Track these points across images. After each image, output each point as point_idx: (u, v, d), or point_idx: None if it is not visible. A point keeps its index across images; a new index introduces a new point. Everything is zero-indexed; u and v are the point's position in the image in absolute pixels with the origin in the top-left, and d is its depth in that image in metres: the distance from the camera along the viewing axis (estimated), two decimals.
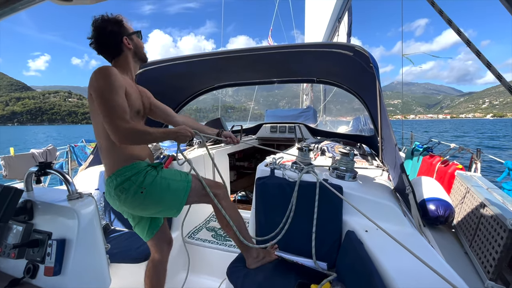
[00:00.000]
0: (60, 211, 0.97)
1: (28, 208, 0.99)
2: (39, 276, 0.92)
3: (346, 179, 1.66)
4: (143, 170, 1.28)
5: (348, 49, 1.86)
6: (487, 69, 0.53)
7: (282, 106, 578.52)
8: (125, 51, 1.36)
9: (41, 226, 0.98)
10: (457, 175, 2.44)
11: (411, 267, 1.02)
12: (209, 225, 2.59)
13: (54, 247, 0.89)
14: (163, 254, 1.57)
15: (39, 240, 0.93)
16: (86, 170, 2.59)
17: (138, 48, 1.41)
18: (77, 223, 0.92)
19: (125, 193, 1.23)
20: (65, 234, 0.93)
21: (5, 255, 0.97)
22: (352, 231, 1.39)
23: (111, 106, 1.11)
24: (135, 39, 1.39)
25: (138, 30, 1.42)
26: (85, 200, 1.01)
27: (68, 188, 1.01)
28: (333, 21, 5.32)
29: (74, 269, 0.90)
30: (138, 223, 1.48)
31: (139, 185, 1.24)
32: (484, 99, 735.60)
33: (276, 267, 1.52)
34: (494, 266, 1.47)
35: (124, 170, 1.24)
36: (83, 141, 4.15)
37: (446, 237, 2.05)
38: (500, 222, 1.49)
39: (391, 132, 1.70)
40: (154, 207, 1.32)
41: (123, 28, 1.34)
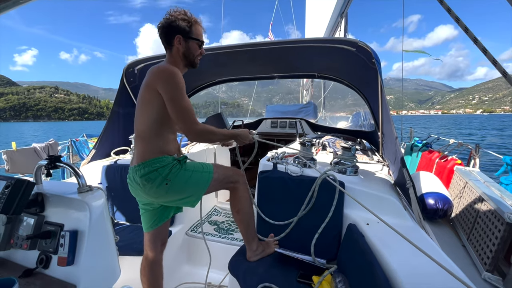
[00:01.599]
0: (71, 203, 0.99)
1: (39, 201, 1.01)
2: (52, 266, 0.95)
3: (347, 173, 1.69)
4: (170, 164, 1.34)
5: (350, 44, 1.87)
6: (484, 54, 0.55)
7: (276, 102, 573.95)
8: (175, 48, 1.39)
9: (52, 218, 1.01)
10: (456, 170, 2.48)
11: (411, 258, 1.05)
12: (211, 218, 2.63)
13: (67, 238, 0.91)
14: (156, 253, 1.58)
15: (52, 231, 0.95)
16: (89, 165, 2.60)
17: (189, 53, 1.42)
18: (88, 215, 0.94)
19: (151, 183, 1.30)
20: (77, 226, 0.95)
21: (17, 246, 1.00)
22: (353, 224, 1.41)
23: (184, 108, 1.26)
24: (190, 44, 1.41)
25: (200, 40, 1.44)
26: (95, 193, 1.03)
27: (78, 181, 1.03)
28: (335, 16, 5.29)
29: (87, 259, 0.93)
30: (149, 211, 1.51)
31: (164, 177, 1.31)
32: (474, 95, 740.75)
33: (276, 260, 1.55)
34: (491, 258, 1.51)
35: (153, 161, 1.31)
36: (84, 136, 4.15)
37: (444, 230, 2.09)
38: (497, 215, 1.53)
39: (392, 126, 1.72)
40: (176, 196, 1.40)
41: (186, 28, 1.37)
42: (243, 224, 1.55)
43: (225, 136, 1.45)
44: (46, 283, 0.90)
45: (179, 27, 1.36)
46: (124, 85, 2.61)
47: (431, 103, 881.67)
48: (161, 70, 1.30)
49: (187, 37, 1.38)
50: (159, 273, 1.60)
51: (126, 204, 2.22)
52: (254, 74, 3.44)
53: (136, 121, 1.38)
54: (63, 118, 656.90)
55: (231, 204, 1.60)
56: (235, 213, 1.57)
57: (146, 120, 1.33)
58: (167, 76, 1.27)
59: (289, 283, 1.34)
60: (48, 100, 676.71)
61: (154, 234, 1.55)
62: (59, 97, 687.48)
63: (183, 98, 1.27)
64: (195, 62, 1.46)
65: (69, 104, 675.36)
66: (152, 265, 1.57)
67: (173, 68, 1.30)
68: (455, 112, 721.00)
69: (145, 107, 1.33)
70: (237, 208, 1.55)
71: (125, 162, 2.36)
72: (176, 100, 1.26)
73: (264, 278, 1.36)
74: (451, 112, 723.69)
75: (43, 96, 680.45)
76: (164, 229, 1.61)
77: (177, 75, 1.28)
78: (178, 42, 1.38)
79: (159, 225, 1.54)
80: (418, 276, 0.97)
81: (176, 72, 1.28)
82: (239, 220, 1.57)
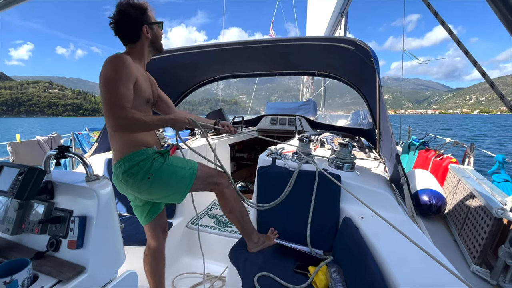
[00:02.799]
0: (79, 191, 1.04)
1: (49, 188, 1.07)
2: (62, 249, 1.00)
3: (344, 169, 1.74)
4: (151, 157, 1.31)
5: (349, 43, 1.91)
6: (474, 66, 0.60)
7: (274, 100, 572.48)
8: (143, 39, 1.36)
9: (62, 205, 1.06)
10: (450, 168, 2.54)
11: (402, 249, 1.10)
12: (211, 212, 2.69)
13: (76, 223, 0.97)
14: (159, 241, 1.61)
15: (61, 217, 1.01)
16: (91, 158, 2.65)
17: (156, 38, 1.42)
18: (96, 202, 1.00)
19: (133, 178, 1.27)
20: (85, 212, 1.00)
21: (28, 231, 1.05)
22: (348, 217, 1.47)
23: (114, 93, 1.14)
24: (155, 29, 1.40)
25: (160, 21, 1.42)
26: (102, 181, 1.08)
27: (86, 170, 1.08)
28: (335, 15, 5.31)
29: (95, 243, 0.99)
30: (139, 206, 1.53)
31: (146, 171, 1.27)
32: (471, 95, 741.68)
33: (275, 251, 1.60)
34: (479, 252, 1.58)
35: (132, 156, 1.28)
36: (87, 130, 4.21)
37: (437, 225, 2.15)
38: (487, 211, 1.59)
39: (388, 124, 1.76)
40: (160, 192, 1.37)
41: (145, 16, 1.35)
42: (239, 222, 1.57)
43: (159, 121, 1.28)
44: (57, 264, 0.95)
45: (140, 18, 1.32)
46: None
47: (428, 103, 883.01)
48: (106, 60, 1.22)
49: (149, 23, 1.36)
50: (162, 261, 1.64)
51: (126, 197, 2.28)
52: (255, 71, 3.48)
53: (105, 120, 1.26)
54: (56, 113, 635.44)
55: (222, 207, 1.59)
56: (228, 214, 1.57)
57: None
58: (107, 64, 1.20)
59: (286, 272, 1.39)
60: (42, 95, 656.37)
61: (152, 225, 1.57)
62: (53, 92, 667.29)
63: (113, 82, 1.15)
64: (161, 44, 1.45)
65: (63, 99, 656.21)
66: (154, 253, 1.60)
67: (119, 56, 1.23)
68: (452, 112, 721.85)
69: None
70: (228, 208, 1.55)
71: None
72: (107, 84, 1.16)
73: (262, 267, 1.41)
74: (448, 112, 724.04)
75: (37, 91, 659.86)
76: (161, 219, 1.63)
77: (118, 60, 1.20)
78: (146, 32, 1.35)
79: (154, 218, 1.55)
80: (408, 266, 1.01)
81: (121, 59, 1.21)
82: (233, 219, 1.57)
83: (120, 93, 1.15)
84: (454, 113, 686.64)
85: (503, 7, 0.58)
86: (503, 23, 0.62)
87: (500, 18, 0.62)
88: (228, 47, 2.32)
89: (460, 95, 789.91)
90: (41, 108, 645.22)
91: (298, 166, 1.67)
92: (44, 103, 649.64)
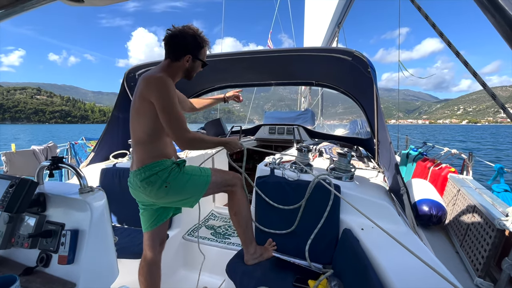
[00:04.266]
0: (72, 203, 1.01)
1: (41, 201, 1.04)
2: (52, 265, 0.96)
3: (343, 179, 1.72)
4: (169, 167, 1.40)
5: (347, 54, 1.93)
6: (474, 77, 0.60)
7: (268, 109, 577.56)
8: (181, 63, 1.45)
9: (54, 217, 1.03)
10: (449, 177, 2.53)
11: (404, 262, 1.07)
12: (208, 223, 2.64)
13: (68, 237, 0.93)
14: (155, 253, 1.61)
15: (53, 230, 0.97)
16: (87, 167, 2.62)
17: (192, 71, 1.52)
18: (89, 215, 0.96)
19: (151, 186, 1.36)
20: (77, 225, 0.97)
21: (18, 245, 1.01)
22: (348, 229, 1.44)
23: (175, 117, 1.30)
24: (196, 65, 1.50)
25: (205, 63, 1.54)
26: (96, 193, 1.05)
27: (80, 182, 1.06)
28: (332, 26, 5.42)
29: (86, 258, 0.95)
30: (147, 211, 1.55)
31: (164, 179, 1.36)
32: (459, 106, 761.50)
33: (273, 264, 1.57)
34: (482, 264, 1.54)
35: (154, 165, 1.37)
36: (83, 139, 4.17)
37: (438, 236, 2.12)
38: (489, 222, 1.57)
39: (387, 134, 1.76)
40: (176, 198, 1.45)
41: (197, 49, 1.46)
42: (241, 227, 1.58)
43: (215, 144, 1.51)
44: (47, 281, 0.91)
45: (192, 46, 1.43)
46: (124, 89, 2.65)
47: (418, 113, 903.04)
48: (154, 79, 1.32)
49: (195, 57, 1.46)
50: (157, 274, 1.62)
51: (123, 207, 2.23)
52: (253, 81, 3.50)
53: (132, 128, 1.42)
54: (43, 120, 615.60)
55: (229, 207, 1.64)
56: (233, 216, 1.60)
57: (143, 128, 1.37)
58: (160, 86, 1.30)
59: (285, 287, 1.35)
60: (29, 101, 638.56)
61: (153, 233, 1.57)
62: (40, 99, 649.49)
63: (174, 107, 1.30)
64: (192, 77, 1.56)
65: (51, 106, 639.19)
66: (150, 265, 1.59)
67: (165, 78, 1.32)
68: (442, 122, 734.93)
69: (140, 116, 1.37)
70: (235, 210, 1.59)
71: (123, 165, 2.38)
72: (168, 109, 1.29)
73: (260, 281, 1.38)
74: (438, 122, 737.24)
75: (24, 97, 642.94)
76: (163, 229, 1.65)
77: (169, 85, 1.31)
78: (186, 61, 1.45)
79: (158, 225, 1.57)
80: (410, 280, 0.99)
81: (169, 82, 1.32)
82: (236, 223, 1.60)
83: (179, 115, 1.32)
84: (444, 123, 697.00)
85: (501, 20, 0.58)
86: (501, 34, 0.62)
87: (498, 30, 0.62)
88: (227, 57, 2.35)
89: (449, 106, 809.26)
90: (27, 115, 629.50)
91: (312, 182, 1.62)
92: (31, 109, 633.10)
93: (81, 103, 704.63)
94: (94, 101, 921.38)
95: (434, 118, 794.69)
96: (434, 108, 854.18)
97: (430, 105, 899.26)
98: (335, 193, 1.42)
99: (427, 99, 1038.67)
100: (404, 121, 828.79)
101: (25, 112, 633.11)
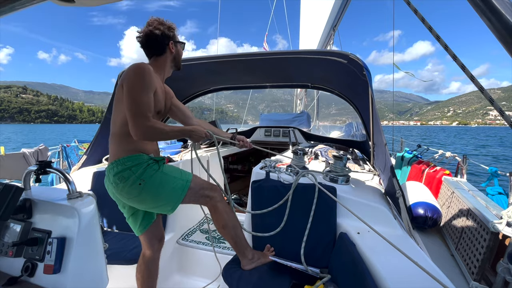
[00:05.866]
0: (60, 209, 0.98)
1: (27, 207, 1.00)
2: (38, 274, 0.92)
3: (339, 182, 1.71)
4: (145, 163, 1.30)
5: (342, 57, 1.93)
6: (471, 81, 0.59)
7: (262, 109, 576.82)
8: (167, 53, 1.48)
9: (40, 224, 0.99)
10: (444, 180, 2.54)
11: (400, 267, 1.06)
12: (203, 227, 2.60)
13: (54, 245, 0.90)
14: (154, 251, 1.57)
15: (38, 238, 0.94)
16: (79, 171, 2.56)
17: (178, 56, 1.55)
18: (77, 222, 0.93)
19: (123, 182, 1.25)
20: (65, 233, 0.94)
21: (2, 254, 0.97)
22: (345, 233, 1.43)
23: (137, 102, 1.21)
24: (178, 47, 1.54)
25: (183, 42, 1.57)
26: (85, 199, 1.02)
27: (69, 187, 1.02)
28: (327, 29, 5.46)
29: (74, 267, 0.91)
30: (132, 215, 1.49)
31: (138, 176, 1.26)
32: (449, 108, 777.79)
33: (270, 269, 1.54)
34: (478, 267, 1.54)
35: (127, 159, 1.28)
36: (76, 142, 4.09)
37: (434, 239, 2.12)
38: (483, 225, 1.57)
39: (382, 136, 1.76)
40: (150, 201, 1.34)
41: (173, 34, 1.49)
42: (232, 238, 1.53)
43: (178, 132, 1.37)
44: None
45: (168, 34, 1.45)
46: None
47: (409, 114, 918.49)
48: (130, 67, 1.29)
49: (175, 42, 1.51)
50: (155, 272, 1.59)
51: (116, 211, 2.18)
52: (249, 83, 3.49)
53: (111, 121, 1.37)
54: (28, 120, 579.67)
55: (214, 222, 1.55)
56: (221, 229, 1.53)
57: (121, 119, 1.30)
58: (132, 70, 1.26)
59: None
60: (13, 100, 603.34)
61: (147, 234, 1.53)
62: (26, 98, 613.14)
63: (137, 91, 1.22)
64: (180, 62, 1.59)
65: (37, 105, 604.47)
66: (148, 263, 1.56)
67: (143, 65, 1.29)
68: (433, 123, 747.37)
69: (118, 106, 1.32)
70: (222, 223, 1.52)
71: None
72: (131, 93, 1.22)
73: (257, 286, 1.36)
74: (429, 124, 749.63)
75: (8, 96, 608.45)
76: (157, 228, 1.59)
77: (143, 70, 1.27)
78: (172, 47, 1.48)
79: (148, 228, 1.52)
80: (407, 285, 0.98)
81: (145, 69, 1.28)
82: (227, 235, 1.54)
83: (143, 102, 1.22)
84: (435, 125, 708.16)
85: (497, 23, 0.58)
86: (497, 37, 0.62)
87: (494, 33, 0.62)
88: (222, 59, 2.33)
89: (439, 108, 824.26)
90: (11, 114, 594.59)
91: (295, 180, 1.63)
92: (15, 108, 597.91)
93: (68, 102, 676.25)
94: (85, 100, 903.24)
95: (425, 120, 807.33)
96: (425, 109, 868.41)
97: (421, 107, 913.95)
98: (332, 197, 1.40)
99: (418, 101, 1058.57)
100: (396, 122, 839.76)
101: (9, 112, 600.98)
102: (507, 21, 0.55)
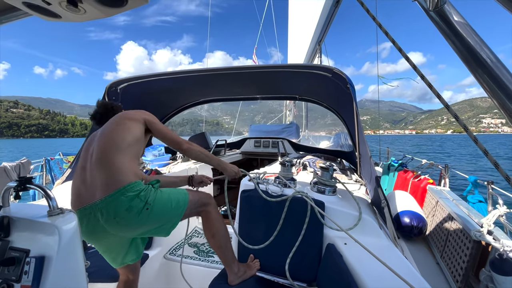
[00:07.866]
0: (39, 227, 0.95)
1: (4, 225, 0.96)
2: None
3: (326, 193, 1.73)
4: (147, 187, 1.27)
5: (326, 70, 2.00)
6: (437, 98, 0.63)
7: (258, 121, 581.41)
8: None
9: (18, 243, 0.95)
10: (428, 189, 2.61)
11: (386, 277, 1.07)
12: (192, 241, 2.55)
13: (32, 264, 0.86)
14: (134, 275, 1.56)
15: (16, 258, 0.90)
16: (63, 185, 2.49)
17: None
18: (57, 240, 0.90)
19: (133, 212, 1.18)
20: (44, 251, 0.90)
21: None
22: (332, 244, 1.43)
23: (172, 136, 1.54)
24: None
25: None
26: (67, 215, 0.99)
27: (49, 204, 0.99)
28: (313, 43, 5.64)
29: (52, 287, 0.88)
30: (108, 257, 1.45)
31: (145, 201, 1.22)
32: (443, 116, 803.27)
33: (258, 283, 1.52)
34: (462, 275, 1.57)
35: (134, 185, 1.21)
36: (60, 154, 3.97)
37: (420, 248, 2.16)
38: (466, 233, 1.61)
39: (367, 147, 1.81)
40: (155, 223, 1.29)
41: None
42: (221, 248, 1.52)
43: (217, 164, 1.63)
44: None
45: None
46: None
47: (404, 123, 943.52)
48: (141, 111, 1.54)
49: None
50: None
51: None
52: (239, 95, 3.54)
53: (101, 146, 1.29)
54: (17, 135, 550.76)
55: (205, 230, 1.54)
56: (211, 238, 1.52)
57: (123, 147, 1.29)
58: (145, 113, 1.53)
59: None
60: (3, 115, 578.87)
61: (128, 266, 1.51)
62: (16, 112, 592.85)
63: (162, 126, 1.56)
64: None
65: (27, 119, 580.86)
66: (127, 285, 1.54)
67: None
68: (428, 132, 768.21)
69: (123, 133, 1.34)
70: (212, 231, 1.51)
71: None
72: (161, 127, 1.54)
73: None
74: (424, 132, 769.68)
75: None
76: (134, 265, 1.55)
77: None
78: None
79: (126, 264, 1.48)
80: None
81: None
82: (215, 245, 1.52)
83: None
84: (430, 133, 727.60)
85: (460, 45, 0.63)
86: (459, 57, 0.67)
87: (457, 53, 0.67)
88: (212, 73, 2.36)
89: (433, 116, 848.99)
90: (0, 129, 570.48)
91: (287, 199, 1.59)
92: (4, 123, 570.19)
93: (61, 116, 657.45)
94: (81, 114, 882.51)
95: (420, 128, 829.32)
96: (419, 118, 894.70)
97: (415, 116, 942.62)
98: (320, 211, 1.42)
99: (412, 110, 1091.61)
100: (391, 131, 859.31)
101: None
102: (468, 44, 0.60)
